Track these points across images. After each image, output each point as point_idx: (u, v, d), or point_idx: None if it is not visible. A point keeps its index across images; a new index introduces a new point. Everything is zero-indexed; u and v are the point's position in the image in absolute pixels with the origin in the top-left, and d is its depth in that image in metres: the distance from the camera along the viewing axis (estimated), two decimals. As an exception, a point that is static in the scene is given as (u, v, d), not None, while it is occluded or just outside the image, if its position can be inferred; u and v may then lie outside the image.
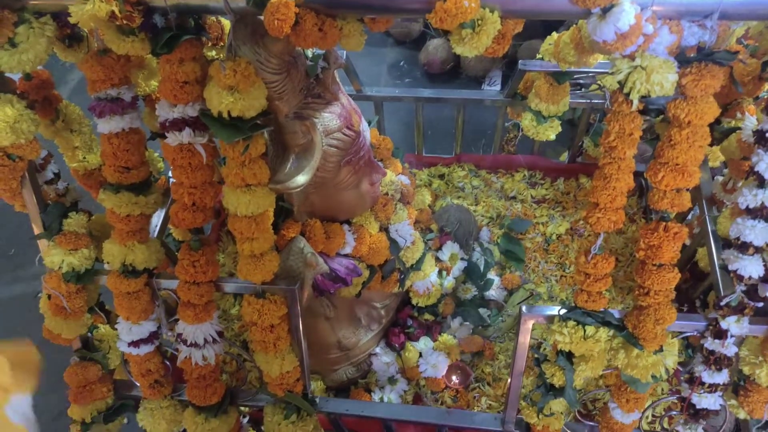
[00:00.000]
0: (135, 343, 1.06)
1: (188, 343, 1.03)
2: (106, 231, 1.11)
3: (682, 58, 0.75)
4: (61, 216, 1.03)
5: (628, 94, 0.75)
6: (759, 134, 0.78)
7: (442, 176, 1.80)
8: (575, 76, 1.40)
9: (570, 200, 1.70)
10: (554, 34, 1.26)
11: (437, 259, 1.49)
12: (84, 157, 1.12)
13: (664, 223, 0.83)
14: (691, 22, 0.73)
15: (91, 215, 1.11)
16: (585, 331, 0.89)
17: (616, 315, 0.91)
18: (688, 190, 0.82)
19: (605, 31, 0.70)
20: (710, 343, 0.90)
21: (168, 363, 1.15)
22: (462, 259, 1.52)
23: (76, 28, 0.95)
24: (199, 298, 0.99)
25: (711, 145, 1.31)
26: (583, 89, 1.55)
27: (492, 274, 1.54)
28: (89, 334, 1.16)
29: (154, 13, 0.81)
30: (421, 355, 1.42)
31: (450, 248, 1.50)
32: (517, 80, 1.41)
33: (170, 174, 1.34)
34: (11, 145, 0.89)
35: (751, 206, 0.81)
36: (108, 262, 1.01)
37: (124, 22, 0.78)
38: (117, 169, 0.95)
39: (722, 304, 0.88)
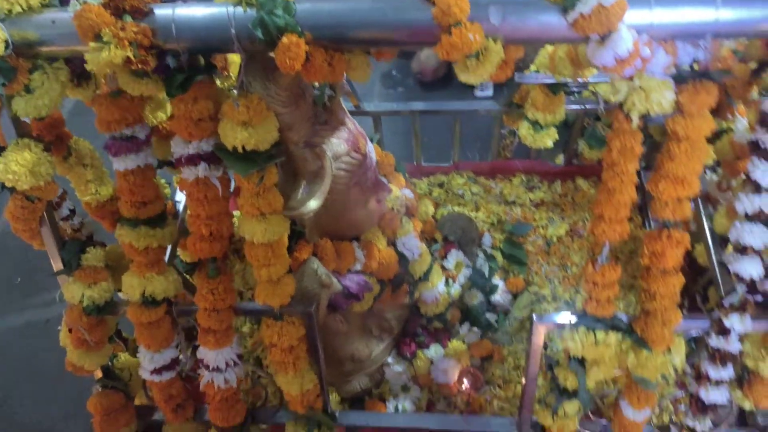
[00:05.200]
0: (158, 371, 1.09)
1: (210, 368, 1.06)
2: (121, 261, 1.13)
3: (678, 77, 0.79)
4: (79, 251, 1.05)
5: (627, 113, 0.79)
6: (754, 144, 0.82)
7: (441, 185, 1.83)
8: (567, 84, 1.44)
9: (568, 202, 1.74)
10: (548, 47, 1.29)
11: (443, 268, 1.52)
12: (96, 190, 1.14)
13: (666, 231, 0.87)
14: (685, 43, 0.77)
15: (105, 246, 1.14)
16: (596, 336, 0.93)
17: (625, 319, 0.95)
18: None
19: (604, 57, 0.73)
20: (715, 341, 0.94)
21: (188, 386, 1.18)
22: (467, 266, 1.56)
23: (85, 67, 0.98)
24: (219, 324, 1.02)
25: (703, 144, 1.36)
26: (575, 95, 1.59)
27: (496, 279, 1.58)
28: (110, 363, 1.18)
29: (166, 55, 0.83)
30: (432, 362, 1.45)
31: (455, 256, 1.54)
32: (512, 91, 1.44)
33: (176, 198, 1.37)
34: (30, 188, 0.92)
35: (749, 212, 0.85)
36: (128, 294, 1.03)
37: (140, 66, 0.80)
38: (133, 205, 0.97)
39: (725, 304, 0.92)
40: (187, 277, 1.36)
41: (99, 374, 1.17)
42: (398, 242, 1.31)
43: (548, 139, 1.43)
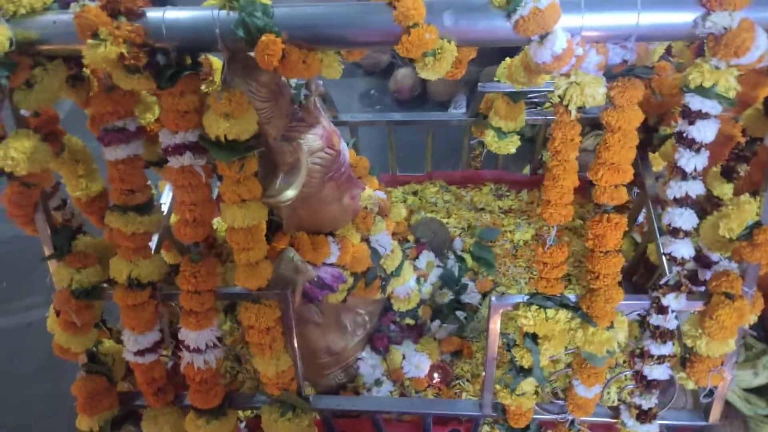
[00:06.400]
0: (140, 353, 1.15)
1: (191, 348, 1.13)
2: (105, 254, 1.20)
3: (610, 74, 0.90)
4: (70, 238, 1.13)
5: (567, 106, 0.90)
6: (678, 134, 0.93)
7: (415, 193, 1.94)
8: (530, 96, 1.56)
9: (534, 209, 1.85)
10: (508, 59, 1.41)
11: (415, 268, 1.61)
12: (87, 186, 1.22)
13: (606, 215, 0.97)
14: (614, 44, 0.88)
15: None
16: (546, 313, 1.02)
17: (572, 298, 1.04)
18: (625, 185, 0.96)
19: (543, 55, 0.84)
20: (655, 319, 1.03)
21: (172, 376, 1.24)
22: (438, 266, 1.64)
23: (80, 69, 1.07)
24: (201, 305, 1.09)
25: (653, 151, 1.48)
26: (538, 107, 1.71)
27: (466, 280, 1.67)
28: (94, 349, 1.24)
29: (157, 53, 0.93)
30: (404, 357, 1.52)
31: (426, 257, 1.63)
32: (477, 101, 1.56)
33: (161, 200, 1.45)
34: (28, 174, 0.99)
35: (677, 196, 0.95)
36: (115, 277, 1.10)
37: (132, 62, 0.89)
38: (123, 192, 1.05)
39: (662, 283, 1.01)
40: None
41: (84, 359, 1.22)
42: (371, 239, 1.39)
43: (511, 146, 1.54)
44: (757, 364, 1.65)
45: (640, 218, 1.67)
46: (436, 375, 1.52)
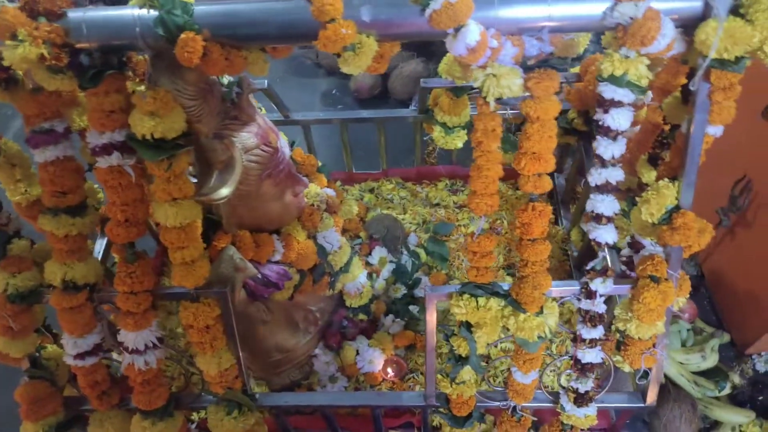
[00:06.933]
0: (80, 356, 1.14)
1: (130, 350, 1.12)
2: (48, 258, 1.19)
3: (527, 66, 0.91)
4: (5, 243, 1.12)
5: (485, 98, 0.91)
6: (595, 123, 0.95)
7: (371, 190, 1.95)
8: (473, 92, 1.58)
9: (488, 203, 1.86)
10: (450, 55, 1.43)
11: (367, 264, 1.62)
12: (26, 190, 1.21)
13: (532, 204, 0.99)
14: (529, 37, 0.90)
15: (33, 243, 1.20)
16: (477, 302, 1.03)
17: (505, 286, 1.05)
18: (548, 174, 0.98)
19: (458, 47, 0.86)
20: (584, 304, 1.05)
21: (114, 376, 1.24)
22: (391, 261, 1.66)
23: (11, 71, 1.06)
24: (137, 306, 1.09)
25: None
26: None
27: (420, 274, 1.68)
28: (37, 354, 1.23)
29: (79, 53, 0.92)
30: (357, 352, 1.54)
31: (379, 253, 1.64)
32: (423, 97, 1.57)
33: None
34: (-45, 178, 0.99)
35: (598, 184, 0.98)
36: (49, 280, 1.09)
37: (53, 62, 0.89)
38: (54, 194, 1.05)
39: (588, 268, 1.04)
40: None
41: (26, 365, 1.21)
42: (318, 236, 1.40)
43: (458, 140, 1.56)
44: (705, 347, 1.70)
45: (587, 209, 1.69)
46: (390, 369, 1.53)
